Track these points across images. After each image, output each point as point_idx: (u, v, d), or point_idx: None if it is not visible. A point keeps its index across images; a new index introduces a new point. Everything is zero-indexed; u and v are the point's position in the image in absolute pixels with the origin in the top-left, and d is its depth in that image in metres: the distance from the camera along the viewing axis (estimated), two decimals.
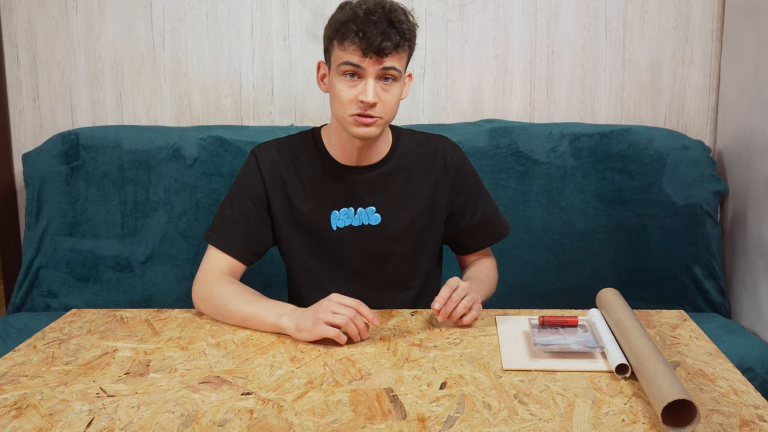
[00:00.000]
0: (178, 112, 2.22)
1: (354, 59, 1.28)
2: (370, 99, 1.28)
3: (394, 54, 1.29)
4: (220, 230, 1.43)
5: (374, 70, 1.29)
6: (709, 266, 2.00)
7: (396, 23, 1.28)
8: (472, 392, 1.04)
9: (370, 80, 1.29)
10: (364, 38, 1.26)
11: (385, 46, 1.27)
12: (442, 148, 1.49)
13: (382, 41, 1.26)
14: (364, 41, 1.26)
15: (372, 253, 1.44)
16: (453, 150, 1.50)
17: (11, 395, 1.06)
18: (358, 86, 1.30)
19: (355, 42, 1.27)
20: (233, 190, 1.46)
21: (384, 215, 1.44)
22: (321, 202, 1.43)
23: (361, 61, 1.28)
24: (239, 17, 2.18)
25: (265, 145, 1.48)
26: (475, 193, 1.51)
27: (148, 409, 1.01)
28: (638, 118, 2.20)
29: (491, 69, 2.19)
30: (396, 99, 1.33)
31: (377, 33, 1.26)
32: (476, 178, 1.53)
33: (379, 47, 1.26)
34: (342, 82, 1.31)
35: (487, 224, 1.53)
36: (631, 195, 2.00)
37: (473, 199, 1.51)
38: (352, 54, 1.28)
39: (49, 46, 2.19)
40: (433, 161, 1.47)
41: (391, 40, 1.27)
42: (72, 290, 2.02)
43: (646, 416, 0.98)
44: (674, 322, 1.35)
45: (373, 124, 1.32)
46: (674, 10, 2.15)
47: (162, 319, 1.39)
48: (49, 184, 2.02)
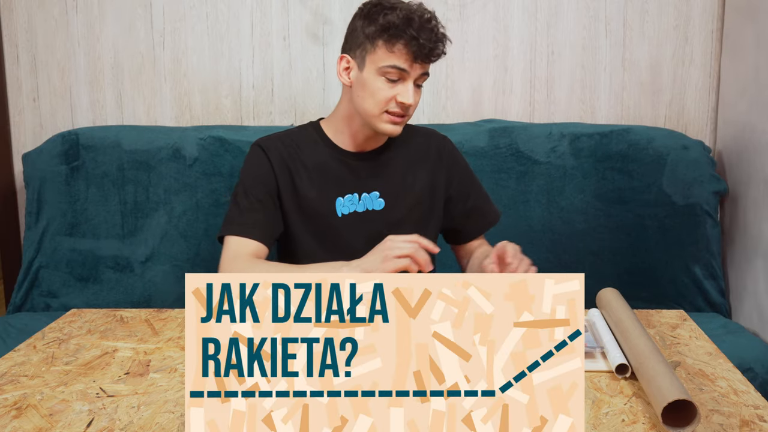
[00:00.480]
0: (178, 112, 2.22)
1: (402, 63, 1.31)
2: (411, 101, 1.33)
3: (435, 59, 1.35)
4: (238, 219, 1.40)
5: (416, 74, 1.33)
6: (709, 266, 2.00)
7: (442, 29, 1.34)
8: None
9: (411, 83, 1.33)
10: (418, 44, 1.29)
11: (437, 54, 1.32)
12: (434, 138, 1.54)
13: (434, 48, 1.31)
14: (416, 46, 1.30)
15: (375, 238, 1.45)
16: (444, 140, 1.55)
17: (11, 395, 1.06)
18: (397, 87, 1.34)
19: (408, 47, 1.30)
20: (244, 182, 1.45)
21: (387, 200, 1.46)
22: (326, 189, 1.44)
23: (410, 67, 1.32)
24: (239, 17, 2.18)
25: (267, 138, 1.49)
26: (468, 180, 1.55)
27: (148, 409, 1.01)
28: (638, 118, 2.20)
29: (491, 69, 2.19)
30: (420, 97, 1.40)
31: (432, 40, 1.30)
32: (467, 166, 1.57)
33: (429, 54, 1.31)
34: (381, 82, 1.34)
35: (478, 211, 1.55)
36: (631, 195, 2.00)
37: (466, 185, 1.54)
38: (401, 57, 1.31)
39: (49, 46, 2.19)
40: (428, 149, 1.51)
41: (439, 43, 1.32)
42: (72, 290, 2.02)
43: (646, 416, 0.98)
44: (674, 322, 1.35)
45: (402, 122, 1.38)
46: (674, 10, 2.15)
47: (162, 319, 1.39)
48: (49, 184, 2.02)
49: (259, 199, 1.43)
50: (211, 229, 2.00)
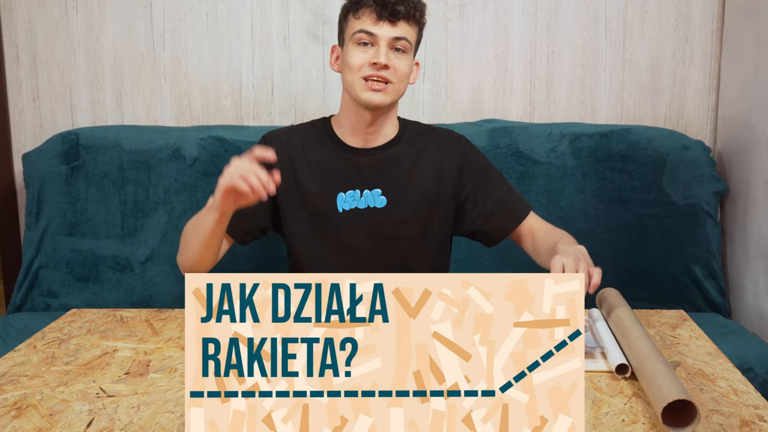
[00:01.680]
0: (178, 112, 2.22)
1: (367, 25, 1.35)
2: (381, 60, 1.34)
3: (405, 23, 1.36)
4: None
5: (387, 36, 1.35)
6: (709, 266, 2.00)
7: None
8: None
9: (383, 45, 1.35)
10: (379, 3, 1.34)
11: (398, 10, 1.34)
12: (447, 138, 1.52)
13: (395, 4, 1.34)
14: (379, 5, 1.34)
15: (377, 237, 1.45)
16: (459, 140, 1.52)
17: (11, 395, 1.06)
18: (370, 52, 1.36)
19: (369, 5, 1.35)
20: None
21: (389, 198, 1.45)
22: (328, 184, 1.45)
23: (375, 25, 1.35)
24: (239, 17, 2.18)
25: (275, 132, 1.52)
26: (485, 180, 1.50)
27: (148, 409, 1.01)
28: (638, 118, 2.20)
29: (491, 69, 2.19)
30: (407, 69, 1.39)
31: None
32: (485, 166, 1.52)
33: (392, 11, 1.34)
34: (355, 49, 1.37)
35: (502, 208, 1.49)
36: (631, 195, 2.00)
37: (483, 186, 1.49)
38: (366, 20, 1.35)
39: (49, 46, 2.19)
40: (438, 149, 1.49)
41: (404, 5, 1.35)
42: (72, 290, 2.02)
43: (646, 416, 0.98)
44: (674, 322, 1.35)
45: (384, 90, 1.36)
46: (674, 10, 2.15)
47: (162, 319, 1.39)
48: (49, 184, 2.02)
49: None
50: None
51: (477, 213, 1.49)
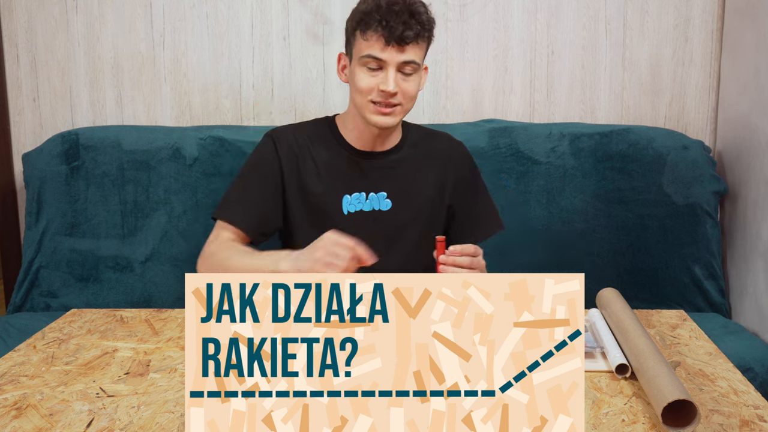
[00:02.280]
0: (178, 112, 2.22)
1: (376, 51, 1.32)
2: (390, 88, 1.32)
3: (414, 45, 1.33)
4: (228, 206, 1.45)
5: (395, 61, 1.32)
6: (709, 266, 2.00)
7: (416, 14, 1.32)
8: None
9: (391, 71, 1.33)
10: (387, 27, 1.30)
11: (406, 36, 1.30)
12: (447, 143, 1.54)
13: (404, 30, 1.30)
14: (387, 30, 1.30)
15: (381, 239, 1.45)
16: (459, 145, 1.55)
17: (11, 395, 1.06)
18: (378, 76, 1.34)
19: (377, 31, 1.31)
20: (246, 171, 1.47)
21: (395, 201, 1.46)
22: (334, 186, 1.45)
23: (383, 52, 1.32)
24: (239, 17, 2.18)
25: (281, 129, 1.51)
26: (472, 191, 1.54)
27: (148, 409, 1.01)
28: (638, 118, 2.20)
29: (491, 69, 2.19)
30: (415, 88, 1.38)
31: (399, 22, 1.30)
32: (476, 177, 1.56)
33: (400, 36, 1.30)
34: (363, 73, 1.35)
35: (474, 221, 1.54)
36: (631, 195, 2.00)
37: (468, 196, 1.53)
38: (374, 45, 1.32)
39: (49, 46, 2.19)
40: (440, 153, 1.51)
41: (413, 29, 1.31)
42: (72, 290, 2.02)
43: (646, 416, 0.98)
44: (674, 322, 1.35)
45: (392, 113, 1.36)
46: (674, 10, 2.15)
47: (162, 319, 1.39)
48: (49, 184, 2.02)
49: (256, 190, 1.44)
50: (211, 229, 2.00)
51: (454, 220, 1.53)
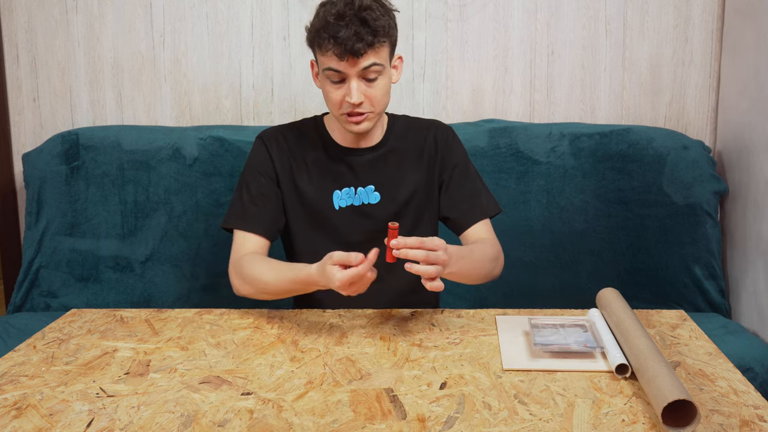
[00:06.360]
0: (178, 112, 2.22)
1: (333, 64, 1.33)
2: (354, 100, 1.34)
3: (371, 51, 1.32)
4: (241, 213, 1.47)
5: (354, 71, 1.33)
6: (709, 266, 2.00)
7: (369, 21, 1.30)
8: (472, 392, 1.04)
9: (353, 82, 1.33)
10: (337, 44, 1.29)
11: (358, 48, 1.29)
12: (433, 128, 1.55)
13: (354, 44, 1.29)
14: (338, 46, 1.30)
15: (372, 231, 1.48)
16: (445, 129, 1.56)
17: (11, 395, 1.06)
18: (343, 88, 1.35)
19: (329, 48, 1.31)
20: (247, 175, 1.50)
21: (382, 193, 1.49)
22: (323, 183, 1.48)
23: (339, 65, 1.32)
24: (239, 17, 2.18)
25: (270, 130, 1.53)
26: (462, 168, 1.53)
27: (148, 409, 1.01)
28: (638, 118, 2.20)
29: (491, 69, 2.19)
30: (383, 91, 1.38)
31: (350, 35, 1.29)
32: (463, 154, 1.56)
33: (353, 49, 1.29)
34: (329, 85, 1.37)
35: (470, 199, 1.52)
36: (631, 195, 2.00)
37: (459, 172, 1.53)
38: (331, 57, 1.32)
39: (49, 46, 2.19)
40: (425, 140, 1.53)
41: (364, 40, 1.30)
42: (72, 290, 2.01)
43: (646, 416, 0.98)
44: (674, 322, 1.35)
45: (365, 120, 1.38)
46: (674, 10, 2.14)
47: (162, 319, 1.39)
48: (49, 184, 2.02)
49: (261, 192, 1.48)
50: (211, 229, 2.01)
51: (447, 197, 1.52)
